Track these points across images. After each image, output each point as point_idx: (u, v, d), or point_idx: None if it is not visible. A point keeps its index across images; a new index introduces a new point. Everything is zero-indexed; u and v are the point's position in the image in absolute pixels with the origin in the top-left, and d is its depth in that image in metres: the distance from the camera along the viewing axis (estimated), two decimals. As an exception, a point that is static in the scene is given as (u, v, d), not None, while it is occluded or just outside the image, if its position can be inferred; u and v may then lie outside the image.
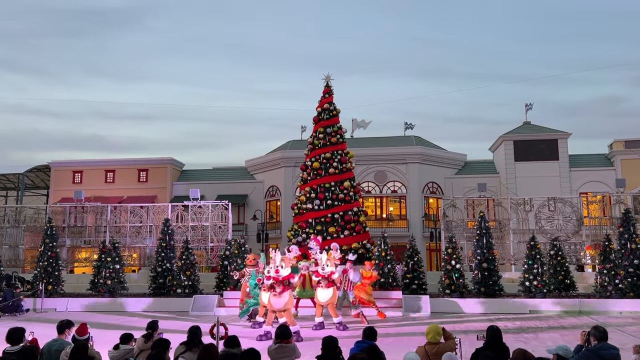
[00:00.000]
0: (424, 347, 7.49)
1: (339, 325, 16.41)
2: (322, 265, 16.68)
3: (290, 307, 15.56)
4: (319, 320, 16.53)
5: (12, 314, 20.82)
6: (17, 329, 7.57)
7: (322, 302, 16.70)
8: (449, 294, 21.87)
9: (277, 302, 14.94)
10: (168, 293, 23.54)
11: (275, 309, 15.03)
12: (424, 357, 7.16)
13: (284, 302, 14.95)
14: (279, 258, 15.21)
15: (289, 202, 37.96)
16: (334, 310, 16.75)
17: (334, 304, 16.81)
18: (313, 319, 16.91)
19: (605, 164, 41.30)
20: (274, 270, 14.99)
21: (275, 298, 14.93)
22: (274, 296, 14.93)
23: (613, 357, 7.23)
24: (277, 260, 15.13)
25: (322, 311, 16.79)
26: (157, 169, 44.84)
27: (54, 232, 25.08)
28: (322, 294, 16.69)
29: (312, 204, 24.87)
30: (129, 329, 11.33)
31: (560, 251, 23.78)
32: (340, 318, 16.71)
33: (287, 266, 15.25)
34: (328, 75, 27.07)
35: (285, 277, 15.06)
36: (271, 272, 15.02)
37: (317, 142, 25.92)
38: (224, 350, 7.38)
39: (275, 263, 15.11)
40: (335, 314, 16.67)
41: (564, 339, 13.99)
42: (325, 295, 16.63)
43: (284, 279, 15.03)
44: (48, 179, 46.53)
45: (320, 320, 16.53)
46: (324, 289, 16.64)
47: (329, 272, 16.62)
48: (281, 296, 14.91)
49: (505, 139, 42.04)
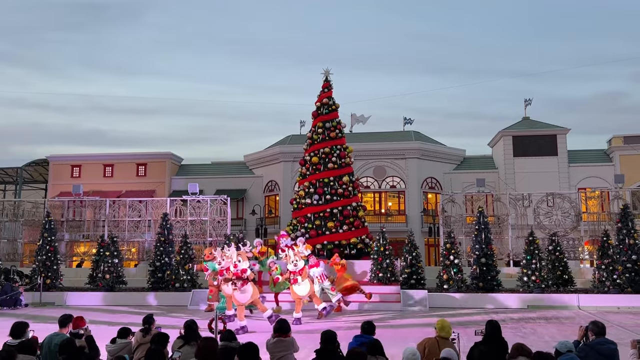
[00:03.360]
0: (436, 339, 7.45)
1: (323, 310, 17.10)
2: (293, 262, 16.91)
3: (257, 298, 15.75)
4: (297, 316, 16.54)
5: (11, 308, 20.82)
6: (20, 323, 7.64)
7: (302, 296, 16.99)
8: (447, 289, 21.90)
9: (242, 296, 15.21)
10: (167, 287, 23.56)
11: (241, 303, 15.28)
12: (434, 349, 7.09)
13: (248, 295, 15.19)
14: (234, 253, 15.29)
15: (287, 197, 37.93)
16: (317, 298, 17.39)
17: (314, 293, 17.35)
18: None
19: (604, 159, 41.29)
20: (232, 266, 15.08)
21: (239, 293, 15.12)
22: (237, 291, 15.08)
23: (611, 352, 7.24)
24: (233, 256, 15.20)
25: (301, 307, 16.88)
26: (155, 163, 44.77)
27: (53, 226, 25.07)
28: (299, 289, 16.94)
29: (311, 198, 24.87)
30: (126, 323, 11.33)
31: (559, 246, 23.81)
32: (324, 304, 17.40)
33: (244, 260, 15.33)
34: (327, 70, 27.03)
35: (242, 270, 15.15)
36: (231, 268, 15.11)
37: (316, 137, 25.90)
38: (222, 343, 7.38)
39: (232, 258, 15.16)
40: (319, 301, 17.32)
41: (562, 334, 14.02)
42: (303, 289, 16.93)
43: (242, 272, 15.13)
44: (46, 173, 46.44)
45: (298, 316, 16.55)
46: (299, 284, 16.90)
47: (301, 267, 16.91)
48: (244, 290, 15.06)
49: (504, 135, 42.01)
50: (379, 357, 6.72)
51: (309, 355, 7.23)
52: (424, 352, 7.28)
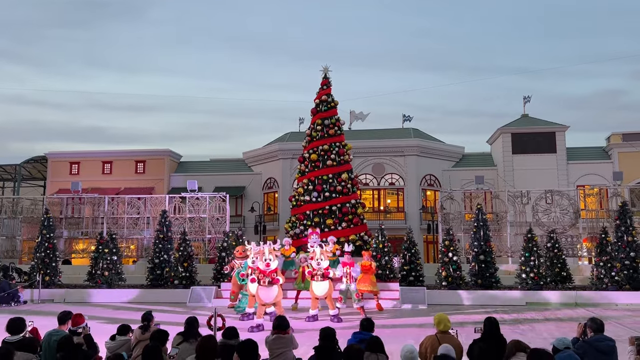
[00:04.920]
0: (436, 336, 7.43)
1: (333, 317, 16.28)
2: (317, 260, 16.61)
3: (280, 300, 15.52)
4: (313, 313, 16.43)
5: (10, 305, 20.82)
6: (17, 319, 7.58)
7: (319, 295, 16.62)
8: (446, 286, 21.92)
9: (267, 295, 14.91)
10: (165, 284, 23.57)
11: (264, 302, 15.02)
12: (436, 346, 7.08)
13: (273, 295, 14.93)
14: (267, 251, 15.19)
15: (286, 194, 37.92)
16: (332, 302, 16.70)
17: (331, 296, 16.75)
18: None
19: (602, 157, 41.33)
20: (264, 264, 14.95)
21: (264, 291, 14.89)
22: (262, 289, 14.90)
23: (609, 348, 7.26)
24: (266, 253, 15.10)
25: (317, 304, 16.70)
26: (154, 160, 44.75)
27: (51, 223, 25.04)
28: (317, 287, 16.58)
29: (310, 196, 24.85)
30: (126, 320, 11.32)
31: (557, 244, 23.80)
32: (336, 311, 16.60)
33: (274, 259, 15.21)
34: (326, 67, 26.97)
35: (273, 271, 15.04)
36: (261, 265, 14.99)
37: (315, 134, 25.86)
38: (221, 341, 7.38)
39: (264, 256, 15.07)
40: (332, 307, 16.60)
41: (560, 330, 14.04)
42: (322, 288, 16.53)
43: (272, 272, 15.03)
44: (45, 170, 46.38)
45: (314, 313, 16.41)
46: (320, 281, 16.55)
47: (324, 266, 16.55)
48: (270, 289, 14.88)
49: (503, 132, 42.02)
50: (378, 354, 6.72)
51: (308, 352, 7.23)
52: (426, 352, 7.27)
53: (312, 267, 16.68)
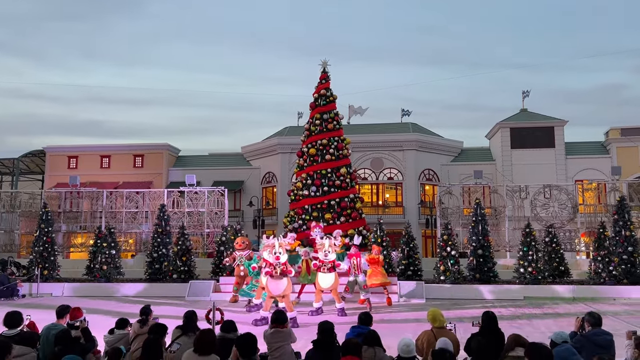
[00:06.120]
0: (432, 332, 7.44)
1: (340, 311, 16.16)
2: (325, 252, 16.49)
3: (289, 293, 15.49)
4: (317, 306, 16.34)
5: (8, 299, 20.83)
6: (14, 312, 7.56)
7: (324, 288, 16.51)
8: (444, 280, 21.97)
9: (276, 287, 14.87)
10: (164, 278, 23.58)
11: (273, 294, 14.98)
12: (432, 341, 7.09)
13: (282, 287, 14.89)
14: (277, 244, 15.14)
15: (285, 188, 37.92)
16: (337, 295, 16.58)
17: (336, 289, 16.63)
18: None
19: (601, 151, 41.36)
20: (273, 257, 14.92)
21: (274, 284, 14.86)
22: (272, 282, 14.88)
23: (607, 342, 7.28)
24: (276, 246, 15.06)
25: (321, 297, 16.62)
26: (153, 154, 44.69)
27: (49, 217, 25.02)
28: (323, 279, 16.44)
29: (309, 190, 24.85)
30: (124, 314, 11.34)
31: (555, 238, 23.88)
32: (342, 304, 16.47)
33: (284, 252, 15.19)
34: (325, 61, 26.90)
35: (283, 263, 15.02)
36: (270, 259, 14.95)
37: (314, 129, 25.83)
38: (220, 335, 7.39)
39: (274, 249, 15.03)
40: (339, 300, 16.48)
41: (558, 325, 14.06)
42: (327, 280, 16.41)
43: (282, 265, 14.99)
44: (43, 164, 46.31)
45: (318, 306, 16.32)
46: (326, 273, 16.43)
47: (331, 259, 16.48)
48: (280, 281, 14.86)
49: (501, 126, 42.02)
50: (375, 347, 6.74)
51: (306, 346, 7.24)
52: (422, 347, 7.28)
53: (320, 259, 16.53)
